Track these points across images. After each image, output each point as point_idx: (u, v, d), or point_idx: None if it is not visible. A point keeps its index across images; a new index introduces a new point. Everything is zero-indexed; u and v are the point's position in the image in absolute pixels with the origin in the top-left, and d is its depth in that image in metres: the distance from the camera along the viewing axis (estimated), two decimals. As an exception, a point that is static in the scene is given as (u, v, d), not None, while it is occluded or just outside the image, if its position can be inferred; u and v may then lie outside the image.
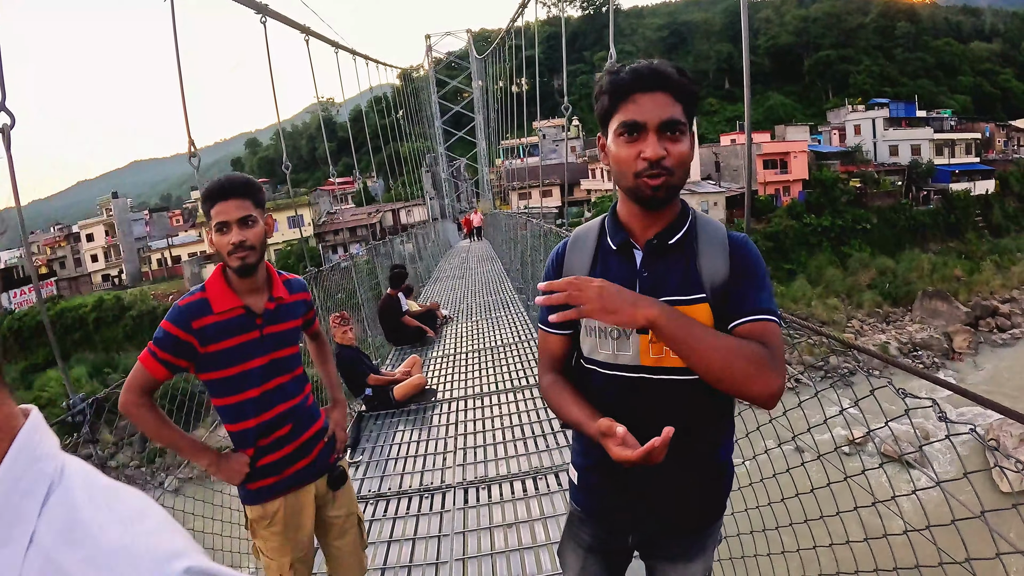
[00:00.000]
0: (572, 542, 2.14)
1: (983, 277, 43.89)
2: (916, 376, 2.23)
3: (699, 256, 1.78)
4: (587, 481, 2.03)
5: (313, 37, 11.00)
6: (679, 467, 1.78)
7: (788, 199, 51.21)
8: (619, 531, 2.02)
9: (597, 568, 2.11)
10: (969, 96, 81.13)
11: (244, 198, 2.49)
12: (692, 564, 2.02)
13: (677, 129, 1.68)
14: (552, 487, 4.92)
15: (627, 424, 1.70)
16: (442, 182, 59.68)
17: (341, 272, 10.64)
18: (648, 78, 1.68)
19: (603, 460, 1.75)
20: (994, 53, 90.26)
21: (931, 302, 40.05)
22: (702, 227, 1.83)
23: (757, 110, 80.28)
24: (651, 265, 1.80)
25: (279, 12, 8.44)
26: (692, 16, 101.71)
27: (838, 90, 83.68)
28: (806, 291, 41.91)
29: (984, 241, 51.61)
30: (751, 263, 1.78)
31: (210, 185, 2.52)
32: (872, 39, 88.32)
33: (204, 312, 2.51)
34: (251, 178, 2.63)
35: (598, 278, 1.62)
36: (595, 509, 2.03)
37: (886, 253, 47.35)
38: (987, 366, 33.58)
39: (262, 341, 2.61)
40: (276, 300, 2.68)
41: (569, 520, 2.16)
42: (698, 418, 1.81)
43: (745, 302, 1.72)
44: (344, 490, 2.96)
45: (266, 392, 2.62)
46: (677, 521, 1.95)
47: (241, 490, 2.72)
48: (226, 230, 2.49)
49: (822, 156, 57.14)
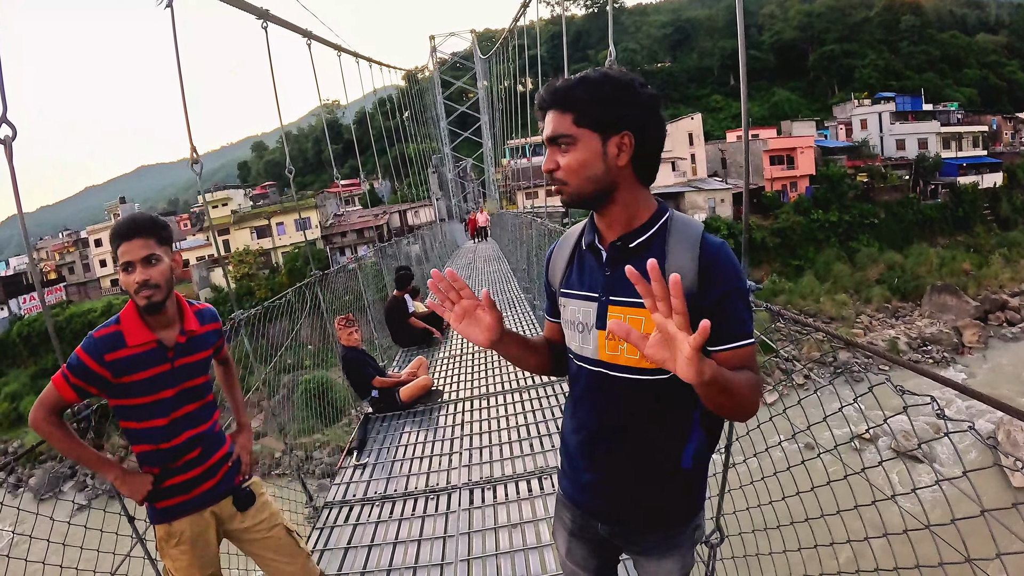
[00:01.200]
0: (559, 523, 2.24)
1: (992, 271, 43.78)
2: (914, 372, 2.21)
3: (667, 259, 1.76)
4: (566, 466, 2.11)
5: (315, 41, 10.98)
6: (633, 467, 1.90)
7: (795, 195, 51.23)
8: (591, 518, 2.07)
9: (581, 551, 2.18)
10: (975, 89, 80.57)
11: (148, 237, 2.57)
12: (664, 561, 2.06)
13: (562, 141, 1.77)
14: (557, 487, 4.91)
15: (589, 416, 1.93)
16: (448, 183, 59.78)
17: (348, 274, 10.64)
18: (541, 100, 1.80)
19: (577, 448, 2.00)
20: (1000, 45, 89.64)
21: (940, 296, 39.89)
22: (676, 229, 1.81)
23: (762, 106, 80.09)
24: (614, 266, 1.83)
25: (280, 17, 8.42)
26: (696, 13, 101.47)
27: (843, 85, 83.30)
28: (814, 287, 41.86)
29: (993, 234, 51.49)
30: (727, 277, 1.74)
31: (116, 225, 2.60)
32: (877, 33, 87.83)
33: (118, 345, 2.59)
34: (156, 217, 2.71)
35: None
36: (571, 495, 2.10)
37: (894, 248, 47.32)
38: (997, 360, 33.42)
39: (173, 373, 2.70)
40: (187, 333, 2.77)
41: (556, 502, 2.26)
42: (654, 420, 1.86)
43: (730, 325, 1.71)
44: (257, 508, 3.04)
45: (175, 420, 2.72)
46: (632, 519, 2.00)
47: (149, 510, 2.81)
48: (131, 269, 2.56)
49: (828, 151, 57.06)
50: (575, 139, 1.75)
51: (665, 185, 48.72)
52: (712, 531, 3.43)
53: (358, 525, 4.85)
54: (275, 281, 47.80)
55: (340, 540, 4.67)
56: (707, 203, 47.52)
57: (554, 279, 2.06)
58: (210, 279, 51.95)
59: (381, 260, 14.21)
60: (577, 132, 1.75)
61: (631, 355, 1.78)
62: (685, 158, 52.68)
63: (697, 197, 47.81)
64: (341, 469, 6.14)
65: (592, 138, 1.75)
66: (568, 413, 2.08)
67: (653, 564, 2.08)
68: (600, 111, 1.76)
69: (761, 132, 58.08)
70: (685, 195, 47.72)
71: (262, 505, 3.07)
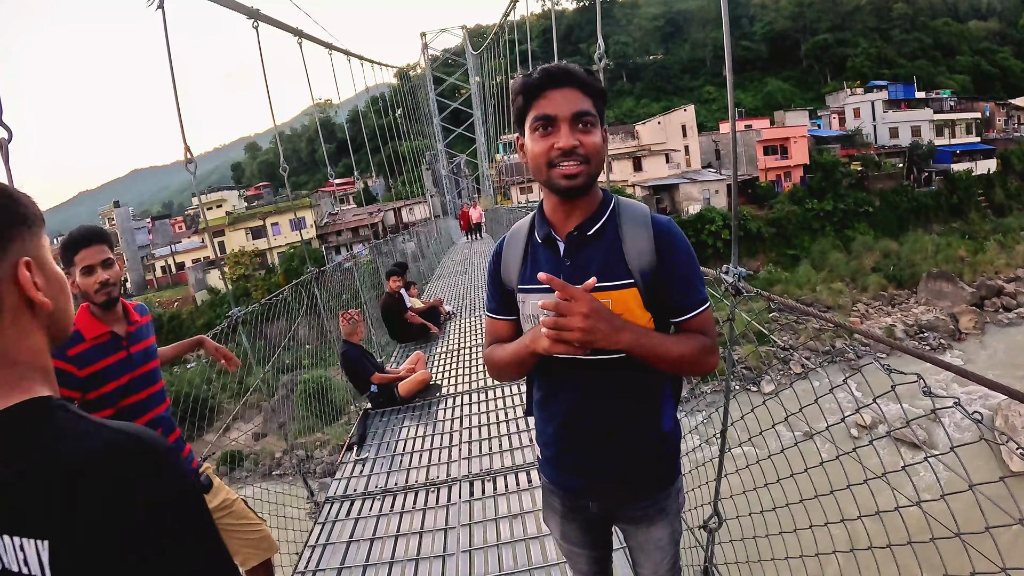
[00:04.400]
0: (549, 510, 2.32)
1: (987, 257, 43.72)
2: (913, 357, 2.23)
3: (624, 242, 1.88)
4: (546, 454, 2.17)
5: (306, 40, 10.96)
6: (618, 441, 1.99)
7: (789, 184, 51.26)
8: (580, 498, 2.14)
9: (575, 531, 2.27)
10: (968, 76, 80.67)
11: (103, 244, 2.96)
12: (654, 527, 2.17)
13: (588, 121, 1.79)
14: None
15: (567, 403, 1.98)
16: (442, 179, 59.74)
17: (344, 272, 10.65)
18: (558, 75, 1.79)
19: (554, 436, 2.06)
20: (992, 32, 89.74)
21: (936, 283, 39.93)
22: (625, 214, 1.93)
23: (755, 96, 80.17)
24: (574, 255, 1.90)
25: (271, 16, 8.42)
26: (687, 5, 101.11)
27: (836, 73, 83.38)
28: (810, 276, 41.90)
29: (987, 221, 51.57)
30: (680, 250, 1.88)
31: (71, 235, 2.93)
32: (869, 21, 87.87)
33: (76, 341, 2.89)
34: (102, 227, 3.12)
35: (585, 297, 1.66)
36: (556, 480, 2.17)
37: (889, 235, 47.35)
38: (994, 346, 33.48)
39: (130, 359, 3.06)
40: (134, 323, 3.17)
41: (543, 490, 2.34)
42: (632, 392, 1.96)
43: (686, 297, 1.88)
44: (216, 489, 3.47)
45: (139, 401, 3.06)
46: (624, 488, 2.09)
47: None
48: (93, 272, 2.93)
49: (822, 140, 57.05)
50: (596, 121, 1.82)
51: (659, 177, 48.78)
52: (711, 516, 3.48)
53: (359, 519, 4.86)
54: (271, 282, 47.73)
55: (342, 534, 4.69)
56: (702, 194, 47.53)
57: (509, 276, 2.06)
58: (206, 281, 51.93)
59: (377, 257, 14.22)
60: (596, 115, 1.82)
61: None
62: (679, 150, 52.72)
63: (692, 188, 47.83)
64: (341, 464, 6.16)
65: (600, 126, 1.84)
66: (539, 406, 2.13)
67: (643, 532, 2.19)
68: (604, 103, 1.89)
69: (754, 122, 58.12)
70: (680, 187, 47.78)
71: (219, 487, 3.48)
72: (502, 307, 2.11)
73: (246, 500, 3.64)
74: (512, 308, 2.07)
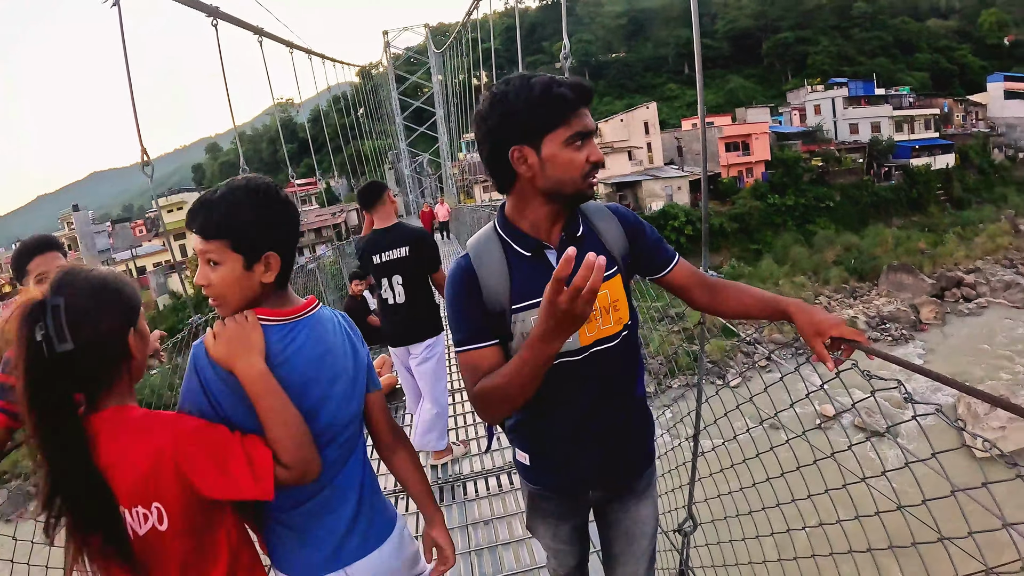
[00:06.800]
0: (538, 516, 2.34)
1: (947, 249, 44.80)
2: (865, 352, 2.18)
3: (602, 235, 2.05)
4: (544, 461, 2.17)
5: (267, 38, 10.76)
6: (625, 412, 2.11)
7: (751, 180, 51.78)
8: (580, 492, 2.21)
9: (568, 531, 2.34)
10: (927, 73, 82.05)
11: (56, 251, 2.95)
12: (643, 504, 2.30)
13: (592, 138, 1.89)
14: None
15: (579, 395, 2.00)
16: (406, 179, 59.43)
17: (307, 274, 10.47)
18: (589, 93, 1.87)
19: (559, 436, 2.08)
20: (951, 30, 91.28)
21: (897, 275, 40.73)
22: (589, 211, 2.08)
23: (717, 93, 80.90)
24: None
25: (230, 14, 8.25)
26: (651, 3, 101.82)
27: (797, 71, 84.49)
28: (773, 270, 42.40)
29: (946, 214, 52.71)
30: (641, 224, 2.14)
31: (24, 245, 2.94)
32: (829, 19, 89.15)
33: None
34: (54, 236, 3.16)
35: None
36: (555, 483, 2.20)
37: (850, 229, 48.06)
38: (955, 335, 34.25)
39: None
40: None
41: (531, 499, 2.32)
42: (628, 368, 2.10)
43: (663, 253, 2.14)
44: None
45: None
46: (633, 459, 2.22)
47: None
48: (46, 280, 2.74)
49: (783, 137, 57.85)
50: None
51: (622, 174, 48.91)
52: (685, 519, 3.47)
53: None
54: (234, 284, 47.00)
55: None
56: (664, 191, 47.73)
57: (497, 299, 1.94)
58: (168, 285, 51.19)
59: (340, 259, 14.04)
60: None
61: (606, 325, 1.98)
62: (641, 147, 52.87)
63: (654, 185, 48.01)
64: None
65: None
66: (535, 415, 2.08)
67: (634, 511, 2.29)
68: None
69: (716, 119, 58.66)
70: (642, 183, 47.92)
71: None
72: (486, 332, 1.93)
73: None
74: (497, 331, 1.94)
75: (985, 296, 38.77)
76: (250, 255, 1.76)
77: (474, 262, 1.98)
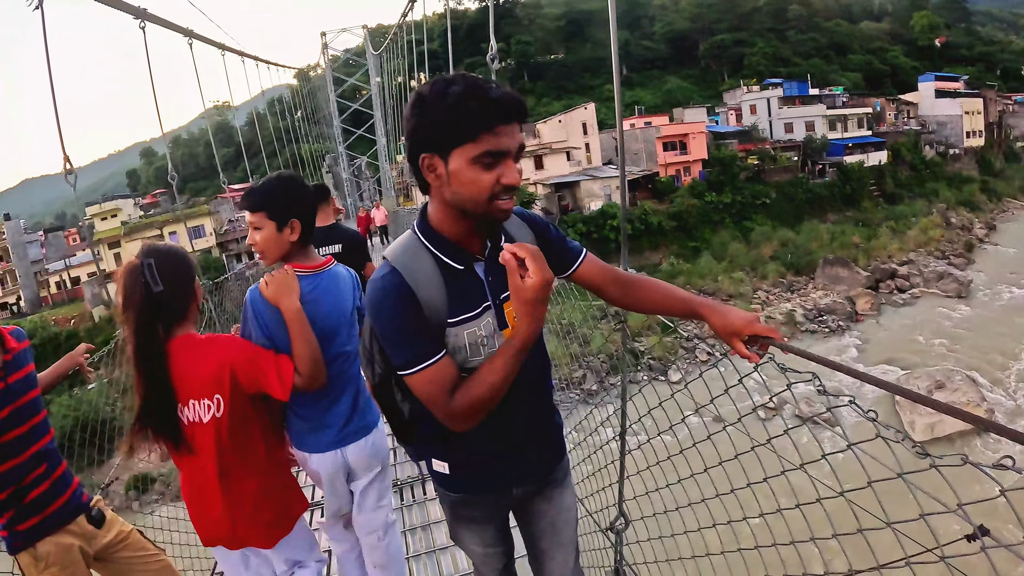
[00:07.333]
0: (462, 523, 2.29)
1: (880, 242, 46.18)
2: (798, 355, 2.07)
3: (514, 240, 2.04)
4: (466, 467, 2.12)
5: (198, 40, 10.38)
6: (543, 406, 2.19)
7: (689, 179, 52.33)
8: (504, 492, 2.19)
9: (492, 532, 2.30)
10: (860, 73, 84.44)
11: None
12: (566, 493, 2.34)
13: (522, 155, 1.80)
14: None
15: (511, 393, 1.88)
16: (344, 182, 58.81)
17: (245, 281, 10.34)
18: (514, 111, 1.72)
19: (484, 438, 2.02)
20: (883, 32, 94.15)
21: (832, 269, 41.72)
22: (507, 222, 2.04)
23: (655, 94, 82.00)
24: (493, 270, 1.94)
25: (159, 16, 8.06)
26: (590, 5, 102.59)
27: (733, 72, 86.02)
28: (712, 267, 42.94)
29: (879, 209, 54.20)
30: (544, 224, 2.19)
31: None
32: (766, 22, 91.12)
33: None
34: None
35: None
36: (479, 487, 2.17)
37: (786, 225, 48.91)
38: (889, 325, 35.30)
39: (9, 390, 2.70)
40: (10, 350, 2.79)
41: (452, 507, 2.27)
42: (544, 364, 2.17)
43: (571, 250, 2.19)
44: (109, 522, 3.07)
45: (21, 435, 2.71)
46: (554, 449, 2.26)
47: (8, 540, 2.74)
48: None
49: (720, 136, 58.76)
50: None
51: (560, 175, 48.99)
52: (616, 517, 3.50)
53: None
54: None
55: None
56: (603, 191, 47.85)
57: (435, 315, 1.88)
58: (102, 296, 49.86)
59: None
60: None
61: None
62: (580, 147, 53.08)
63: (592, 185, 48.15)
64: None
65: None
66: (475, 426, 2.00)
67: (557, 500, 2.32)
68: None
69: (654, 119, 59.38)
70: (581, 184, 48.04)
71: (112, 519, 3.11)
72: (438, 344, 1.88)
73: (142, 531, 3.27)
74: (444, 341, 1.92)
75: (918, 287, 39.97)
76: (280, 221, 2.68)
77: (407, 277, 1.87)
